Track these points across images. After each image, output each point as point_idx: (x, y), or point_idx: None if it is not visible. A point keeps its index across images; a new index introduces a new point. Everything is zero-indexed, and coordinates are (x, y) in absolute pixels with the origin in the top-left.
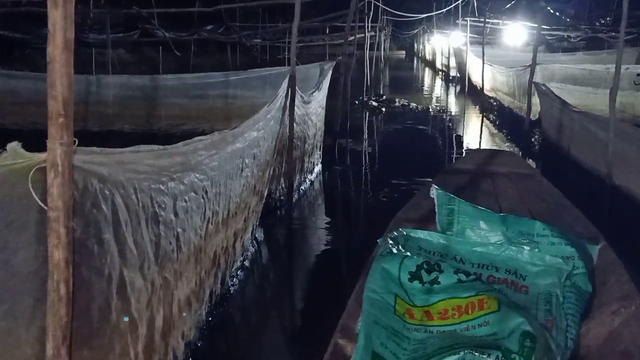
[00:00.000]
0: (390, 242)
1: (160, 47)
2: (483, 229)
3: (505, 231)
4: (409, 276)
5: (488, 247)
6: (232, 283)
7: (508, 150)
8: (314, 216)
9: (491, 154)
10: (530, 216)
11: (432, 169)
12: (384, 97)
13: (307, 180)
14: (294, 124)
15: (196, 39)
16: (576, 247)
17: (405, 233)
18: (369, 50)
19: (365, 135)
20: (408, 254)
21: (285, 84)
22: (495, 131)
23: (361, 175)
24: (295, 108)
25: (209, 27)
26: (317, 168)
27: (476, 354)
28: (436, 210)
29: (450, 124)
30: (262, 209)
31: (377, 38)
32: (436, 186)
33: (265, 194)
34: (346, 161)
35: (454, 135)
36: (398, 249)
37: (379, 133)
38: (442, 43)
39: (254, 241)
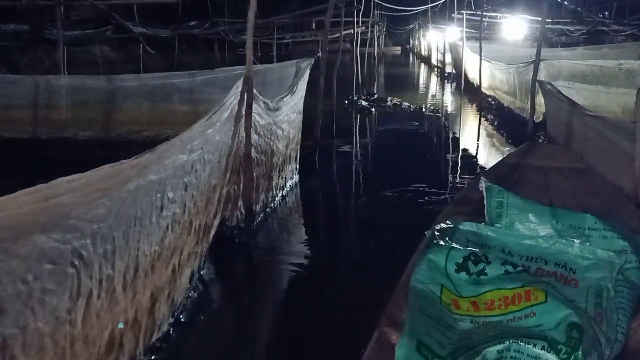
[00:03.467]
0: (437, 233)
1: (142, 45)
2: (532, 222)
3: (555, 224)
4: (456, 267)
5: (537, 240)
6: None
7: (560, 144)
8: (282, 242)
9: (543, 148)
10: (582, 210)
11: (425, 177)
12: (375, 96)
13: (277, 199)
14: (255, 136)
15: (184, 36)
16: (629, 241)
17: (452, 225)
18: (362, 46)
19: (352, 141)
20: (455, 245)
21: (237, 89)
22: (494, 133)
23: (344, 187)
24: (257, 117)
25: (192, 23)
26: (292, 181)
27: (522, 343)
28: (485, 202)
29: (445, 126)
30: (210, 242)
31: (369, 34)
32: (485, 179)
33: (216, 224)
34: (328, 172)
35: (450, 138)
36: (445, 241)
37: (367, 137)
38: (438, 38)
39: (197, 285)
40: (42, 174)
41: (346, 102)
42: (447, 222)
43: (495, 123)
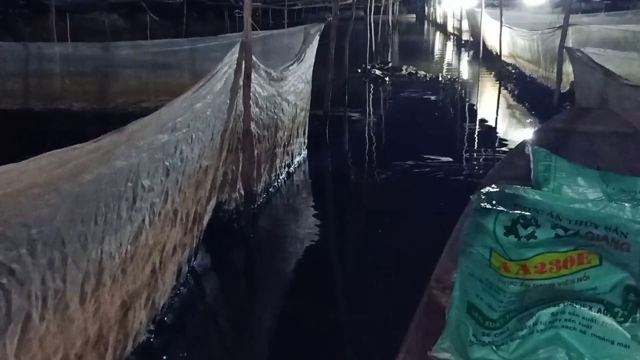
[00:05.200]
0: (484, 197)
1: (150, 12)
2: (581, 186)
3: (605, 188)
4: (505, 230)
5: (586, 203)
6: None
7: (608, 109)
8: (286, 226)
9: (588, 112)
10: (632, 175)
11: (442, 150)
12: (390, 64)
13: (282, 177)
14: (255, 109)
15: (193, 3)
16: None
17: (499, 189)
18: (376, 14)
19: (365, 112)
20: (503, 208)
21: (233, 56)
22: (515, 103)
23: (356, 162)
24: (257, 87)
25: None
26: (300, 157)
27: (577, 306)
28: (532, 166)
29: (463, 96)
30: (203, 231)
31: (383, 1)
32: (532, 142)
33: (209, 209)
34: (339, 146)
35: (468, 108)
36: (492, 204)
37: (381, 108)
38: (454, 5)
39: (187, 280)
40: (31, 148)
41: (359, 71)
42: (494, 186)
43: (516, 93)
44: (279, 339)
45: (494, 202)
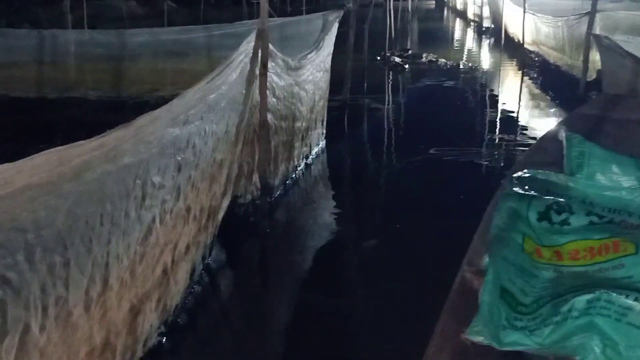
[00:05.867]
0: (516, 182)
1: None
2: (615, 173)
3: None
4: (538, 216)
5: (621, 191)
6: None
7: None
8: (303, 219)
9: (620, 99)
10: None
11: (464, 140)
12: (409, 52)
13: (300, 168)
14: (272, 99)
15: None
16: None
17: (531, 174)
18: (396, 0)
19: (384, 100)
20: (536, 194)
21: (249, 44)
22: (538, 92)
23: (376, 152)
24: (274, 77)
25: None
26: (318, 148)
27: (613, 294)
28: (564, 152)
29: (484, 84)
30: (218, 226)
31: None
32: (565, 128)
33: (224, 204)
34: (358, 135)
35: (489, 96)
36: (524, 190)
37: (401, 96)
38: None
39: (202, 278)
40: (45, 137)
41: (378, 58)
42: (525, 171)
43: (539, 81)
44: (294, 337)
45: (526, 187)
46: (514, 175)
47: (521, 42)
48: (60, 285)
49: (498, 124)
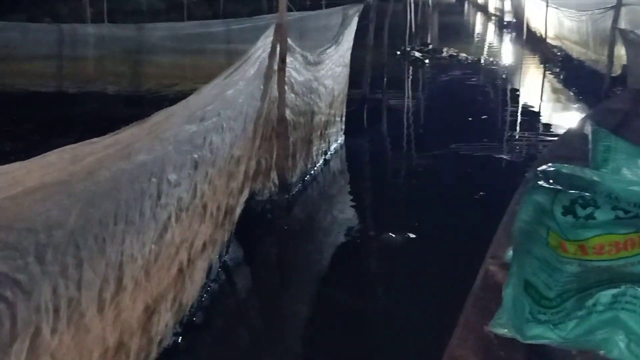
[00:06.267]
0: (541, 175)
1: None
2: None
3: None
4: (563, 210)
5: None
6: None
7: None
8: (322, 216)
9: None
10: None
11: (485, 137)
12: (430, 46)
13: (319, 165)
14: (291, 95)
15: None
16: None
17: (555, 168)
18: None
19: (404, 95)
20: (561, 188)
21: (267, 39)
22: (560, 87)
23: (395, 148)
24: (293, 72)
25: None
26: (337, 144)
27: (639, 288)
28: (590, 146)
29: (505, 79)
30: (235, 224)
31: None
32: (591, 122)
33: (242, 201)
34: (377, 130)
35: (511, 92)
36: (549, 183)
37: (421, 91)
38: None
39: (218, 276)
40: (64, 131)
41: (398, 53)
42: (550, 164)
43: (562, 77)
44: (313, 335)
45: (551, 181)
46: (539, 169)
47: (544, 36)
48: (72, 287)
49: (519, 119)
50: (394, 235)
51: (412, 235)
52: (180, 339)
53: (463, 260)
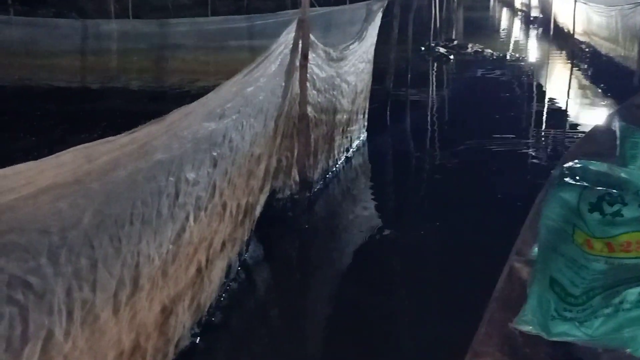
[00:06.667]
0: (567, 172)
1: None
2: None
3: None
4: (589, 207)
5: None
6: None
7: None
8: (343, 214)
9: None
10: None
11: (511, 135)
12: (455, 42)
13: (340, 162)
14: (313, 92)
15: None
16: None
17: (582, 165)
18: None
19: (428, 91)
20: (588, 184)
21: (289, 35)
22: (588, 84)
23: (419, 145)
24: (315, 68)
25: None
26: (359, 140)
27: None
28: (617, 143)
29: (532, 75)
30: (255, 222)
31: None
32: (619, 118)
33: (262, 200)
34: (400, 127)
35: (537, 89)
36: (575, 180)
37: (445, 87)
38: None
39: (238, 275)
40: (87, 126)
41: (422, 49)
42: (576, 161)
43: (590, 73)
44: (334, 335)
45: (577, 177)
46: (565, 165)
47: (571, 32)
48: (86, 289)
49: (545, 115)
50: (416, 233)
51: (434, 233)
52: (198, 340)
53: (487, 257)
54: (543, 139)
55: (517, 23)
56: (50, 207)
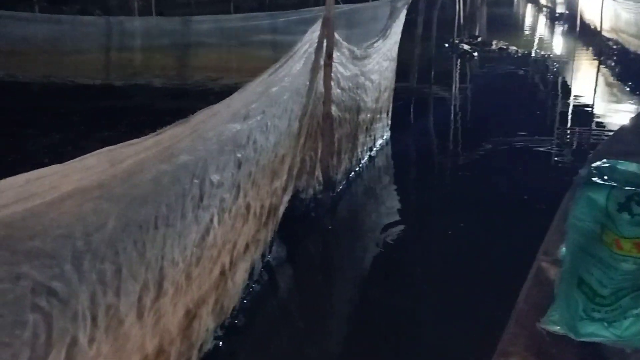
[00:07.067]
0: (595, 172)
1: None
2: None
3: None
4: (618, 207)
5: None
6: None
7: None
8: (367, 215)
9: None
10: None
11: (536, 134)
12: (479, 39)
13: (364, 161)
14: (337, 90)
15: None
16: None
17: (610, 164)
18: None
19: (452, 89)
20: (616, 184)
21: (314, 34)
22: (615, 82)
23: (443, 144)
24: (339, 67)
25: None
26: (383, 140)
27: None
28: None
29: (557, 73)
30: (278, 223)
31: None
32: None
33: (285, 200)
34: (424, 126)
35: (563, 87)
36: (603, 180)
37: (469, 85)
38: None
39: (261, 277)
40: (110, 124)
41: (446, 45)
42: (604, 160)
43: (617, 70)
44: (358, 338)
45: (605, 177)
46: (593, 165)
47: (598, 29)
48: (110, 294)
49: (571, 114)
50: (440, 234)
51: (459, 234)
52: (221, 343)
53: (513, 258)
54: (569, 137)
55: (542, 19)
56: (74, 212)
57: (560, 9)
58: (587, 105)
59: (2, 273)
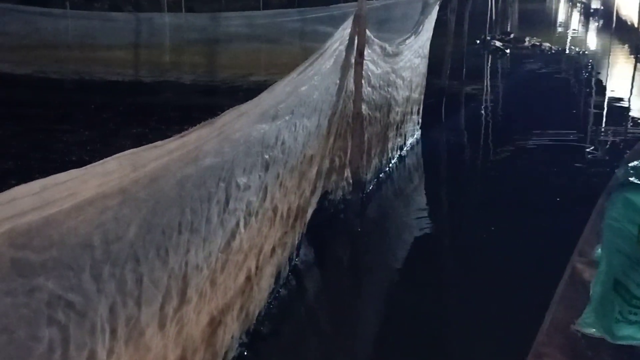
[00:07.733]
0: (632, 171)
1: None
2: None
3: None
4: None
5: None
6: None
7: None
8: (396, 216)
9: None
10: None
11: (567, 128)
12: (511, 35)
13: (394, 161)
14: (368, 89)
15: None
16: None
17: None
18: None
19: (484, 86)
20: None
21: (345, 31)
22: None
23: (474, 143)
24: (370, 65)
25: None
26: (413, 139)
27: None
28: None
29: (592, 70)
30: (306, 225)
31: None
32: None
33: (314, 202)
34: (455, 124)
35: (598, 84)
36: None
37: (501, 82)
38: None
39: (288, 281)
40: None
41: (478, 42)
42: None
43: None
44: (388, 344)
45: None
46: (629, 165)
47: (635, 25)
48: (131, 304)
49: (606, 112)
50: (471, 236)
51: (491, 235)
52: (246, 351)
53: (546, 260)
54: (604, 136)
55: (576, 15)
56: (93, 220)
57: (595, 5)
58: (623, 104)
59: (16, 285)
